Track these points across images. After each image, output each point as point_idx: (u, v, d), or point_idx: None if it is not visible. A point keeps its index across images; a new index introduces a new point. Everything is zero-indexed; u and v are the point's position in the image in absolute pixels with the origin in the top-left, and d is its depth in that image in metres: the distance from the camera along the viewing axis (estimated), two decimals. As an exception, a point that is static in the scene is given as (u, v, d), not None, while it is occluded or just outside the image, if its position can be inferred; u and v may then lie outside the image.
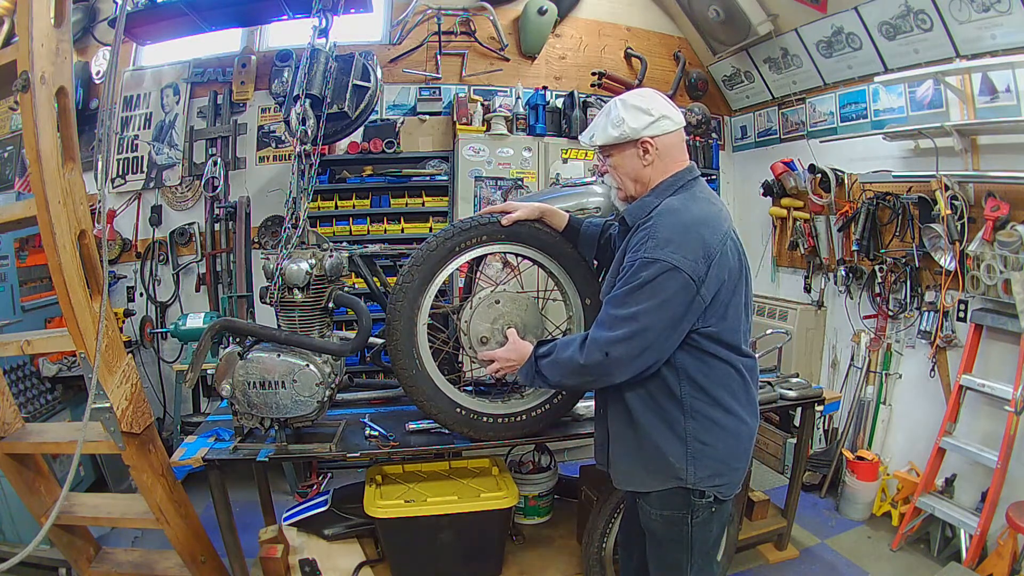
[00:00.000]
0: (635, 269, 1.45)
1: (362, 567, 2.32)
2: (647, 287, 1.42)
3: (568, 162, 3.78)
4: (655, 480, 1.56)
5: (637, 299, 1.43)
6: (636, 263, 1.45)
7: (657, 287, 1.41)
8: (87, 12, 3.88)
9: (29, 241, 3.22)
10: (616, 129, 1.54)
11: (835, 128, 3.66)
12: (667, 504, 1.56)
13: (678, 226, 1.45)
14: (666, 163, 1.57)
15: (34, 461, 2.07)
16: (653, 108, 1.53)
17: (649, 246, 1.44)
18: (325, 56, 2.35)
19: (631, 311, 1.43)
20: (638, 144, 1.54)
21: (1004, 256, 2.54)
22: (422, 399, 1.97)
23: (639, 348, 1.44)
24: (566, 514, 2.69)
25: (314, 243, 2.16)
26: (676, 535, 1.58)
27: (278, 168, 3.99)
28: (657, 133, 1.53)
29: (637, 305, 1.43)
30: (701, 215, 1.49)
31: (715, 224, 1.48)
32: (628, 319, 1.43)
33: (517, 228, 1.93)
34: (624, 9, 4.40)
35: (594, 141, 1.60)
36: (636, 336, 1.43)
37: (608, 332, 1.46)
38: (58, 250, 1.65)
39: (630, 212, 1.59)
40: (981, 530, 2.51)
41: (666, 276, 1.40)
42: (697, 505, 1.53)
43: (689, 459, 1.50)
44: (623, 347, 1.43)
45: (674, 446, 1.51)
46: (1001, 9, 2.59)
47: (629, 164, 1.58)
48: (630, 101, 1.55)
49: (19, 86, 1.56)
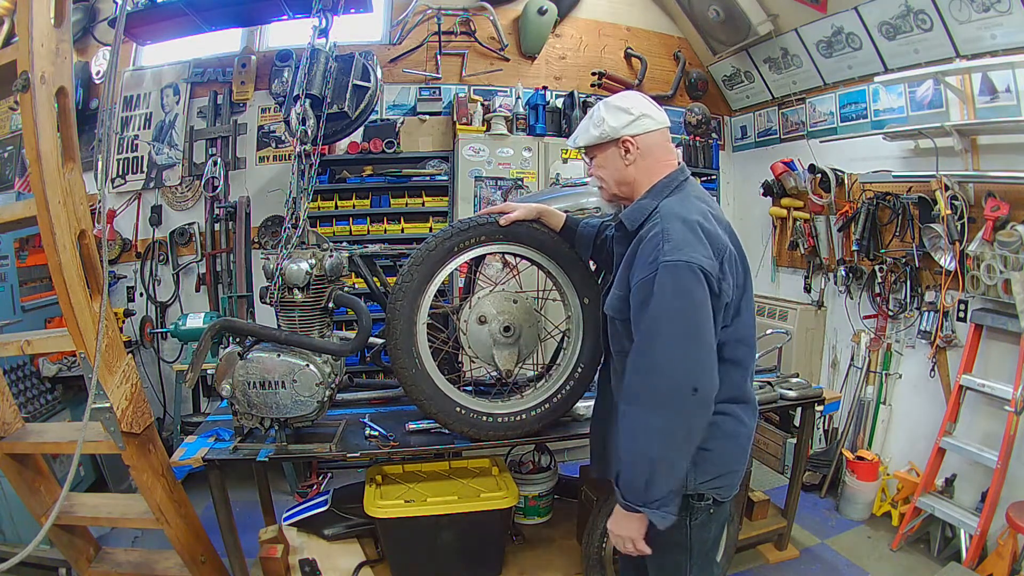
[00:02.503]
0: (656, 277, 1.36)
1: (362, 567, 2.32)
2: (680, 295, 1.34)
3: (568, 162, 3.78)
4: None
5: (679, 315, 1.34)
6: (652, 272, 1.37)
7: (686, 291, 1.34)
8: (87, 12, 3.89)
9: (29, 241, 3.22)
10: (597, 129, 1.54)
11: (835, 128, 3.66)
12: None
13: (687, 227, 1.41)
14: (649, 163, 1.55)
15: (34, 461, 2.07)
16: (633, 107, 1.52)
17: (666, 249, 1.37)
18: (325, 56, 2.35)
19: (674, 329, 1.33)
20: (619, 143, 1.54)
21: (1004, 256, 2.54)
22: (422, 398, 1.97)
23: (708, 355, 1.35)
24: (566, 514, 2.69)
25: (314, 243, 2.16)
26: (675, 538, 1.55)
27: (278, 168, 3.99)
28: (638, 132, 1.52)
29: (683, 319, 1.33)
30: (702, 215, 1.48)
31: (713, 223, 1.48)
32: (690, 338, 1.33)
33: (515, 228, 1.93)
34: (624, 9, 4.40)
35: (578, 143, 1.60)
36: (702, 349, 1.34)
37: (680, 366, 1.32)
38: (58, 250, 1.65)
39: (627, 216, 1.56)
40: (981, 530, 2.51)
41: (692, 278, 1.34)
42: (696, 508, 1.52)
43: (690, 466, 1.46)
44: (703, 367, 1.33)
45: None
46: (1001, 9, 2.59)
47: (611, 164, 1.58)
48: (612, 102, 1.56)
49: (19, 86, 1.56)
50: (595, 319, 2.03)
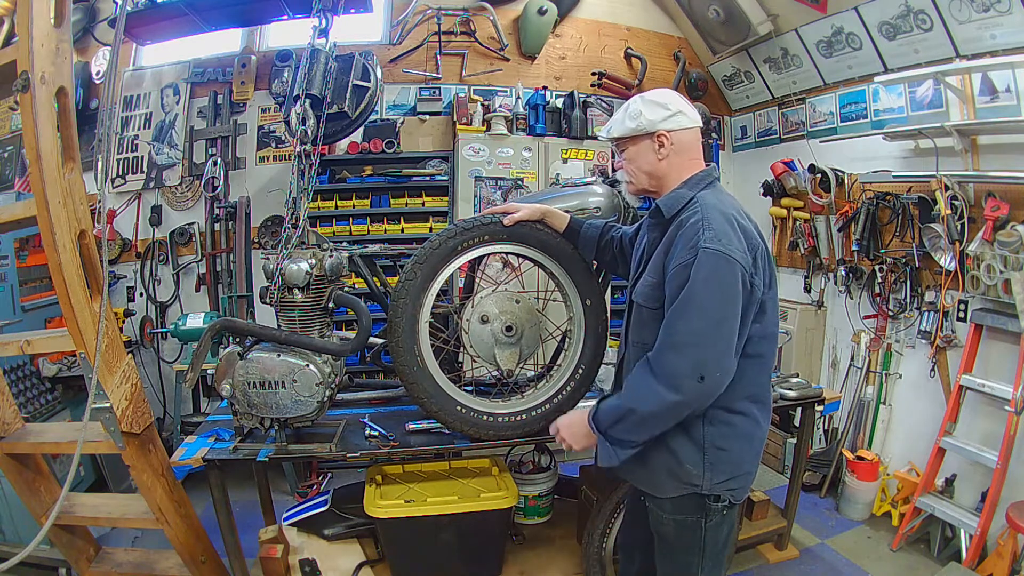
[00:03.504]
0: (696, 262, 1.37)
1: (362, 567, 2.32)
2: (714, 283, 1.36)
3: (568, 162, 3.78)
4: (670, 486, 1.53)
5: (709, 302, 1.36)
6: (698, 255, 1.38)
7: (719, 280, 1.36)
8: (87, 12, 3.89)
9: (29, 241, 3.22)
10: (633, 121, 1.55)
11: (835, 128, 3.65)
12: (681, 509, 1.54)
13: (724, 218, 1.43)
14: (682, 159, 1.56)
15: (34, 461, 2.07)
16: (671, 103, 1.54)
17: (707, 236, 1.38)
18: (325, 56, 2.35)
19: (711, 317, 1.36)
20: (654, 137, 1.55)
21: (1004, 256, 2.54)
22: (423, 396, 1.97)
23: (727, 350, 1.37)
24: (566, 514, 2.69)
25: (314, 243, 2.16)
26: (689, 539, 1.56)
27: (278, 168, 3.99)
28: (673, 127, 1.54)
29: (713, 308, 1.36)
30: (736, 210, 1.50)
31: (746, 220, 1.50)
32: (714, 326, 1.36)
33: (518, 228, 1.94)
34: (624, 9, 4.40)
35: (611, 134, 1.61)
36: (722, 340, 1.37)
37: (696, 351, 1.36)
38: (58, 250, 1.65)
39: (664, 203, 1.55)
40: (981, 530, 2.51)
41: (728, 269, 1.36)
42: (712, 509, 1.52)
43: (707, 466, 1.47)
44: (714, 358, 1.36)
45: (692, 453, 1.48)
46: (1001, 9, 2.59)
47: (644, 157, 1.58)
48: (648, 97, 1.58)
49: (19, 86, 1.56)
50: (597, 320, 2.03)
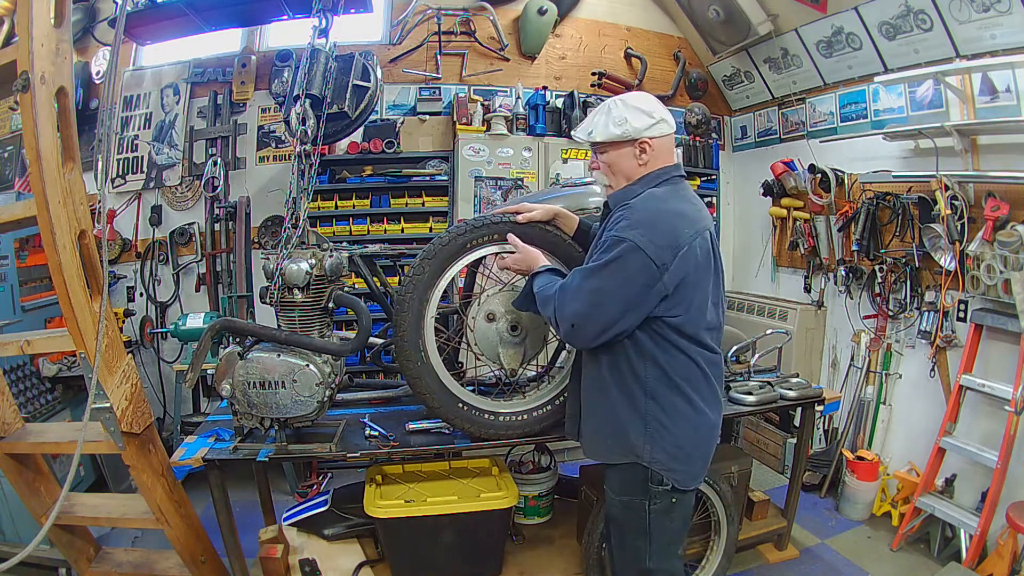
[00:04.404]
0: (607, 246, 1.53)
1: (362, 567, 2.32)
2: (613, 264, 1.50)
3: (568, 162, 3.78)
4: (616, 453, 1.64)
5: (602, 275, 1.51)
6: (608, 241, 1.53)
7: (621, 265, 1.49)
8: (87, 12, 3.89)
9: (29, 241, 3.22)
10: (619, 128, 1.60)
11: (835, 128, 3.66)
12: (626, 488, 1.64)
13: (653, 212, 1.54)
14: (656, 163, 1.64)
15: (34, 461, 2.07)
16: (655, 112, 1.61)
17: (622, 226, 1.52)
18: (325, 56, 2.35)
19: (594, 286, 1.52)
20: (636, 144, 1.61)
21: (1004, 256, 2.53)
22: (426, 393, 1.97)
23: (600, 326, 1.53)
24: (566, 514, 2.69)
25: (314, 243, 2.16)
26: (634, 521, 1.64)
27: (278, 168, 3.99)
28: (656, 135, 1.61)
29: (601, 281, 1.51)
30: (677, 208, 1.57)
31: (689, 219, 1.55)
32: (592, 292, 1.52)
33: (528, 229, 1.94)
34: (624, 9, 4.40)
35: (593, 137, 1.65)
36: (596, 312, 1.52)
37: (573, 304, 1.54)
38: (58, 250, 1.65)
39: (614, 197, 1.67)
40: (981, 530, 2.51)
41: (631, 256, 1.48)
42: (655, 492, 1.59)
43: (647, 438, 1.58)
44: (585, 323, 1.54)
45: (635, 424, 1.59)
46: (1001, 9, 2.59)
47: (625, 163, 1.64)
48: (631, 102, 1.63)
49: (19, 86, 1.56)
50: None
